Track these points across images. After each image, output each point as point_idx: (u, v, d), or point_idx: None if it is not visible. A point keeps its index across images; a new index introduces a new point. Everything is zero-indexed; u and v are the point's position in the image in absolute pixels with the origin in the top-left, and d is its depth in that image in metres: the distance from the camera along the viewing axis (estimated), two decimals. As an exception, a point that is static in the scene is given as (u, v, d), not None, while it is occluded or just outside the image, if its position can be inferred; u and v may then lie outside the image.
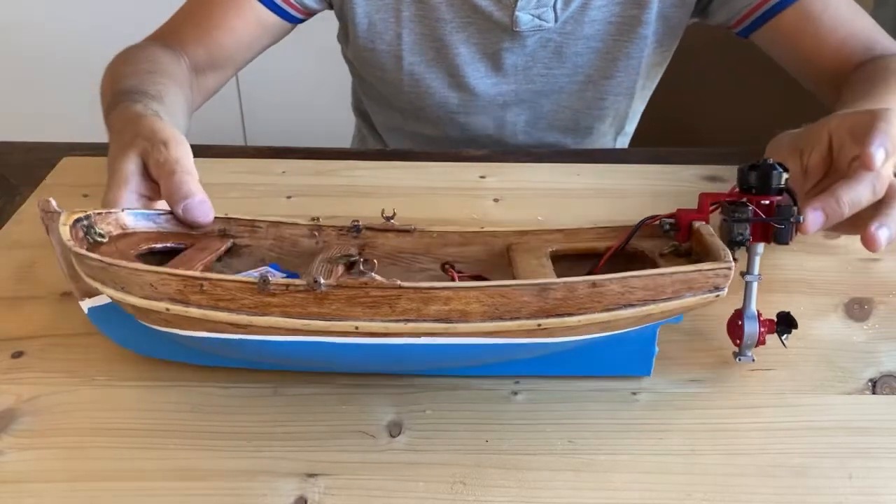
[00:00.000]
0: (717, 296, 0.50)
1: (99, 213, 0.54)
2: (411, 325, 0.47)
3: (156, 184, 0.58)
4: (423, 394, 0.54)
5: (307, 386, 0.54)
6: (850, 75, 0.78)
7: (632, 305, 0.48)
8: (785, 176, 0.52)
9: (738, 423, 0.51)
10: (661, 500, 0.47)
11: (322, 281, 0.46)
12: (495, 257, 0.58)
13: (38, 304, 0.62)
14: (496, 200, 0.75)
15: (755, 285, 0.53)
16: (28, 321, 0.60)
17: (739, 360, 0.54)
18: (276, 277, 0.47)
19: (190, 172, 0.57)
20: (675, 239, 0.55)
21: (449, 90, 0.92)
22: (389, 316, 0.47)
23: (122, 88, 0.71)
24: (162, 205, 0.58)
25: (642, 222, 0.56)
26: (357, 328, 0.48)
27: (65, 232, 0.51)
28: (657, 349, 0.54)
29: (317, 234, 0.58)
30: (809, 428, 0.51)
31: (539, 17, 0.85)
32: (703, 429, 0.51)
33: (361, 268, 0.47)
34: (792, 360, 0.56)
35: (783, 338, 0.55)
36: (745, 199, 0.52)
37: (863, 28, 0.82)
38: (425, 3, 0.86)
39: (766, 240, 0.52)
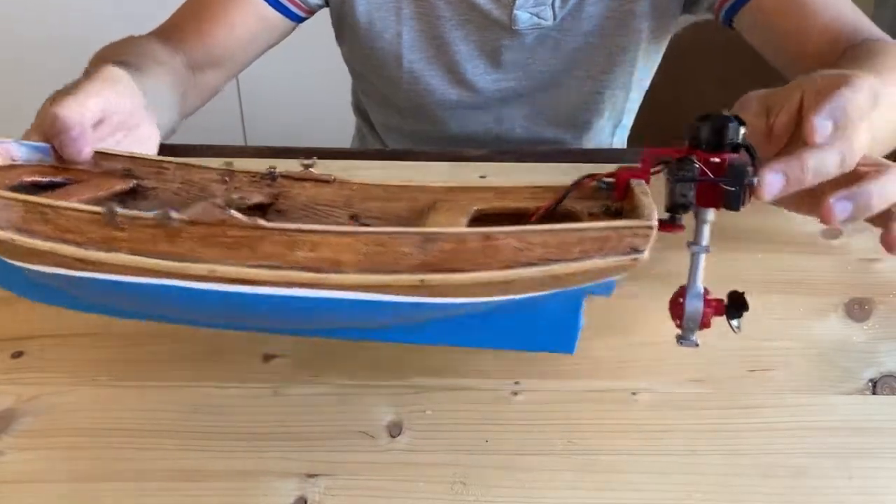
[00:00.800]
0: (635, 259, 0.43)
1: None
2: (275, 273, 0.42)
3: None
4: (423, 394, 0.54)
5: (307, 386, 0.54)
6: (844, 55, 0.73)
7: (532, 264, 0.42)
8: (742, 130, 0.44)
9: (738, 423, 0.51)
10: (661, 500, 0.47)
11: (174, 215, 0.42)
12: (418, 214, 0.52)
13: (38, 304, 0.62)
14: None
15: (702, 258, 0.47)
16: (28, 321, 0.60)
17: (681, 343, 0.47)
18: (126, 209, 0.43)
19: (80, 103, 0.55)
20: (614, 197, 0.49)
21: (448, 87, 0.92)
22: (250, 260, 0.42)
23: (99, 56, 0.70)
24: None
25: (579, 181, 0.49)
26: (213, 272, 0.42)
27: None
28: (583, 323, 0.48)
29: (228, 179, 0.54)
30: (809, 428, 0.51)
31: (538, 16, 0.86)
32: (703, 429, 0.51)
33: (216, 203, 0.41)
34: (792, 360, 0.56)
35: (733, 323, 0.47)
36: (692, 156, 0.44)
37: (849, 13, 0.78)
38: (425, 1, 0.86)
39: (716, 204, 0.45)
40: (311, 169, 0.53)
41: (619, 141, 1.04)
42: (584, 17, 0.87)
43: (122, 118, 0.61)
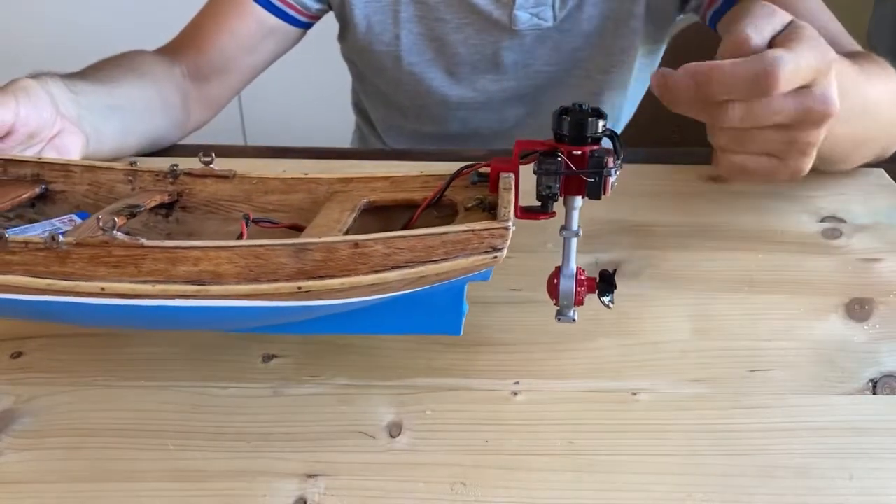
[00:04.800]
0: (496, 257, 0.47)
1: None
2: (160, 287, 0.45)
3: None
4: (423, 394, 0.54)
5: (307, 386, 0.54)
6: None
7: (399, 267, 0.46)
8: (601, 123, 0.47)
9: (738, 424, 0.51)
10: (661, 500, 0.47)
11: (62, 239, 0.44)
12: (318, 205, 0.54)
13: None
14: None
15: (574, 241, 0.50)
16: (28, 321, 0.60)
17: (559, 319, 0.51)
18: (14, 234, 0.45)
19: None
20: (488, 190, 0.52)
21: (449, 88, 0.92)
22: (136, 276, 0.45)
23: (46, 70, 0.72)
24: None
25: (458, 172, 0.52)
26: (103, 289, 0.45)
27: None
28: (467, 307, 0.52)
29: (132, 179, 0.55)
30: (809, 428, 0.51)
31: (538, 17, 0.86)
32: (703, 429, 0.51)
33: (101, 224, 0.44)
34: (792, 360, 0.56)
35: (605, 299, 0.51)
36: (557, 150, 0.47)
37: (831, 29, 0.78)
38: (423, 4, 0.86)
39: (580, 192, 0.48)
40: (211, 165, 0.55)
41: None
42: (583, 18, 0.87)
43: (32, 129, 0.63)
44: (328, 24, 0.96)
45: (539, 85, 0.92)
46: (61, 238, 0.44)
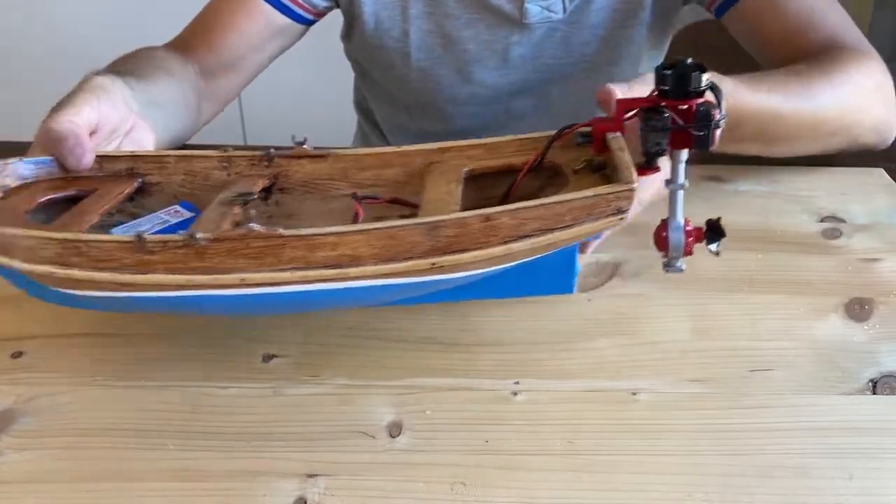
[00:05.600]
0: (621, 218, 0.48)
1: None
2: (300, 274, 0.46)
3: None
4: (423, 394, 0.54)
5: (307, 386, 0.54)
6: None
7: (528, 237, 0.47)
8: (705, 77, 0.48)
9: (737, 424, 0.51)
10: (661, 500, 0.47)
11: (199, 235, 0.45)
12: (414, 178, 0.55)
13: (38, 304, 0.61)
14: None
15: (680, 194, 0.51)
16: (28, 321, 0.60)
17: (667, 271, 0.52)
18: (153, 234, 0.46)
19: (74, 115, 0.57)
20: (592, 151, 0.52)
21: (457, 84, 0.92)
22: (275, 265, 0.46)
23: (108, 66, 0.72)
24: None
25: (558, 134, 0.53)
26: (243, 280, 0.46)
27: None
28: (579, 267, 0.53)
29: (227, 165, 0.56)
30: (809, 428, 0.51)
31: (548, 10, 0.86)
32: (703, 429, 0.51)
33: (252, 216, 0.45)
34: (792, 360, 0.56)
35: (712, 246, 0.51)
36: (662, 105, 0.48)
37: (831, 23, 0.80)
38: (433, 0, 0.86)
39: (688, 146, 0.49)
40: (304, 146, 0.55)
41: None
42: (592, 10, 0.87)
43: (114, 125, 0.63)
44: (328, 22, 0.96)
45: (546, 78, 0.92)
46: (198, 234, 0.45)
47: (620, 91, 0.55)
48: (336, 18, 0.95)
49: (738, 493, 0.47)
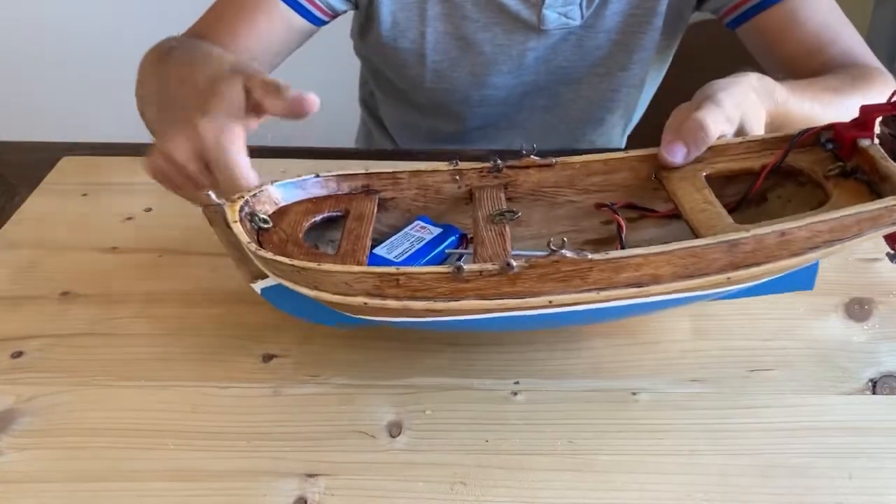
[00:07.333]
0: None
1: (253, 195, 0.52)
2: (604, 294, 0.48)
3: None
4: (423, 394, 0.54)
5: (307, 386, 0.54)
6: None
7: (818, 248, 0.49)
8: None
9: (737, 424, 0.51)
10: (661, 500, 0.47)
11: (514, 263, 0.46)
12: (643, 182, 0.57)
13: (38, 304, 0.62)
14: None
15: None
16: (28, 321, 0.60)
17: (894, 261, 0.55)
18: (469, 263, 0.47)
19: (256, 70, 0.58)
20: (839, 156, 0.54)
21: (471, 86, 0.92)
22: (581, 287, 0.47)
23: (173, 44, 0.71)
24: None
25: (799, 135, 0.55)
26: (550, 301, 0.48)
27: (239, 230, 0.49)
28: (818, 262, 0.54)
29: (458, 178, 0.57)
30: (809, 428, 0.51)
31: (566, 16, 0.86)
32: (703, 429, 0.51)
33: (551, 245, 0.46)
34: (792, 360, 0.56)
35: None
36: None
37: (847, 38, 0.81)
38: (451, 2, 0.87)
39: None
40: (532, 156, 0.57)
41: (625, 140, 1.04)
42: (607, 15, 0.88)
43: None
44: (331, 22, 0.96)
45: (559, 80, 0.93)
46: (513, 262, 0.46)
47: (712, 120, 0.55)
48: (340, 16, 0.94)
49: (737, 493, 0.47)
